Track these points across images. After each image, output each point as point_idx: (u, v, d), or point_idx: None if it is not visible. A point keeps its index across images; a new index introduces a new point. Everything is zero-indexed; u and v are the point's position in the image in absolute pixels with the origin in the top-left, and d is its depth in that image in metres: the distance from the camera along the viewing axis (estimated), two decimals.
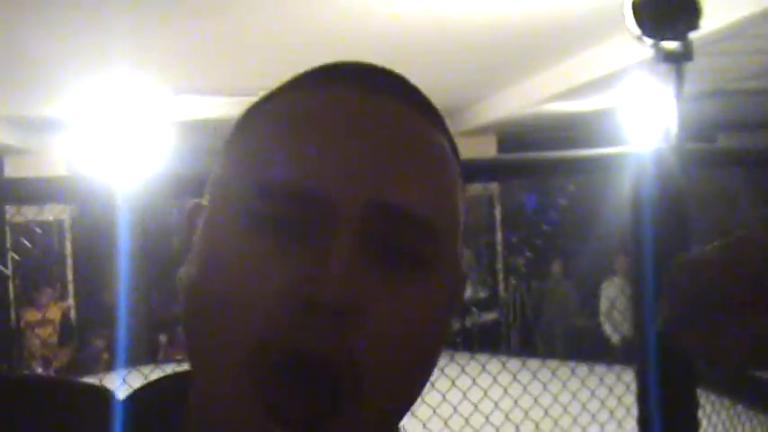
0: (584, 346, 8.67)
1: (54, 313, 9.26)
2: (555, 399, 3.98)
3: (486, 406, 3.94)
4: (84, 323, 9.50)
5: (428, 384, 0.67)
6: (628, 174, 2.13)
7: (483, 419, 3.84)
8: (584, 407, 4.07)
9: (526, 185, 10.09)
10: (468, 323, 10.02)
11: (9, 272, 8.82)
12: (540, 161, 2.54)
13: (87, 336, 9.48)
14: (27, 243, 8.48)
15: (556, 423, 4.21)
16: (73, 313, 9.47)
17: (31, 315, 9.19)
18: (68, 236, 9.54)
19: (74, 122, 8.55)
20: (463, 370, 3.78)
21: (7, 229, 9.03)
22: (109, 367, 8.38)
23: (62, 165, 9.29)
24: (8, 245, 8.99)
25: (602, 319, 8.97)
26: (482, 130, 9.96)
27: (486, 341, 9.41)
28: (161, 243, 9.69)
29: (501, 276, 10.29)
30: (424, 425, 3.66)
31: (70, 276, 9.53)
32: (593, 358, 6.91)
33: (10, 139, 8.57)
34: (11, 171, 9.39)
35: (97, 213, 9.41)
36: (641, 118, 7.97)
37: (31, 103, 7.76)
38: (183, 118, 8.71)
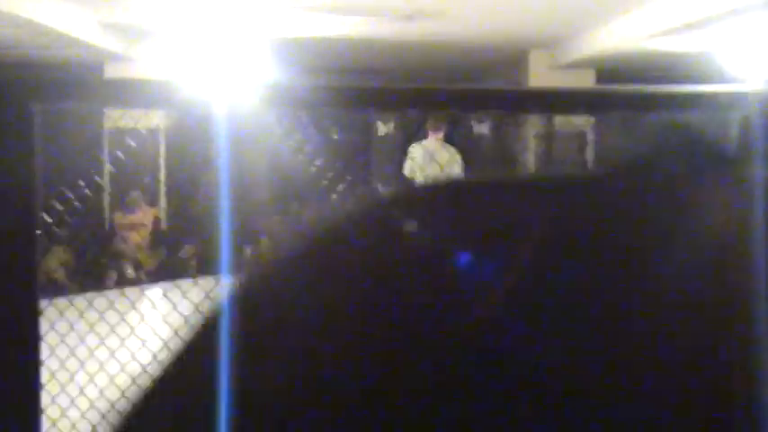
0: None
1: (145, 218, 9.59)
2: None
3: None
4: (173, 229, 9.81)
5: None
6: (736, 115, 2.04)
7: None
8: None
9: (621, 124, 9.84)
10: None
11: (106, 174, 9.15)
12: (639, 94, 2.43)
13: (176, 242, 9.80)
14: (123, 149, 8.77)
15: None
16: (163, 219, 9.78)
17: (123, 218, 9.54)
18: (162, 144, 9.79)
19: (174, 32, 8.69)
20: None
21: (104, 134, 9.34)
22: (196, 273, 8.68)
23: (160, 74, 9.48)
24: (105, 150, 9.31)
25: None
26: (580, 64, 9.73)
27: None
28: (254, 154, 9.86)
29: None
30: None
31: (162, 184, 9.81)
32: None
33: (111, 46, 8.77)
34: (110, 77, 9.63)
35: (191, 123, 9.63)
36: (749, 60, 7.64)
37: (133, 10, 7.91)
38: (281, 35, 8.75)
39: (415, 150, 9.39)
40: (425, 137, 9.41)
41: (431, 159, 9.20)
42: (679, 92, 2.47)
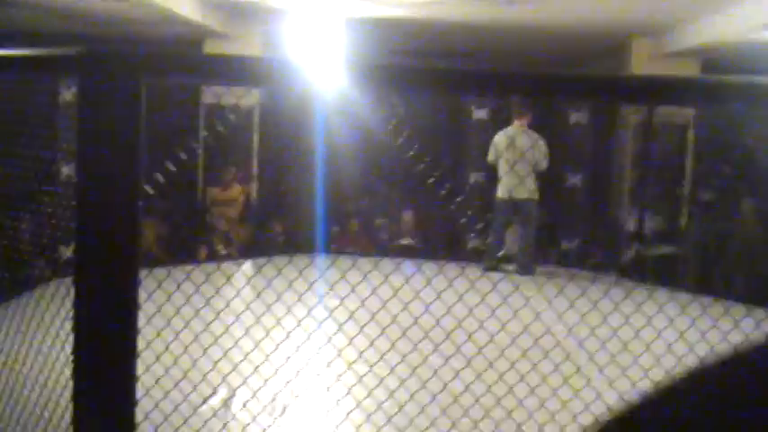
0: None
1: (237, 193, 9.71)
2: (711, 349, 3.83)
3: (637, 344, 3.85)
4: (264, 206, 9.91)
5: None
6: None
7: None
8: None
9: (725, 116, 9.52)
10: (642, 253, 9.73)
11: (201, 150, 9.29)
12: (747, 85, 2.32)
13: (266, 218, 9.90)
14: (219, 125, 8.88)
15: None
16: (254, 196, 9.88)
17: (217, 193, 9.68)
18: (256, 121, 9.88)
19: (275, 10, 8.74)
20: (617, 305, 3.68)
21: (201, 111, 9.47)
22: (285, 250, 8.74)
23: (257, 52, 9.56)
24: (201, 126, 9.45)
25: None
26: (685, 54, 9.42)
27: (659, 275, 9.13)
28: (347, 135, 9.87)
29: (685, 209, 9.86)
30: (568, 356, 3.61)
31: (255, 161, 9.91)
32: None
33: (211, 23, 8.87)
34: None
35: (286, 101, 9.68)
36: None
37: None
38: (378, 15, 8.72)
39: (498, 137, 9.29)
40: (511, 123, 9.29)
41: (510, 146, 9.08)
42: None
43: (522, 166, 8.98)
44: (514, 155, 9.05)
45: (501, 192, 9.10)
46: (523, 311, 3.73)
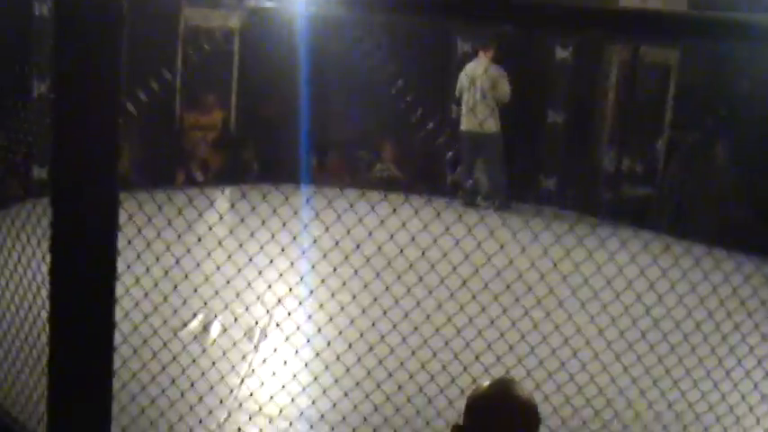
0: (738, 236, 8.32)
1: (215, 118, 9.57)
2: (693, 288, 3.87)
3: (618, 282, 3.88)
4: (241, 132, 9.79)
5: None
6: None
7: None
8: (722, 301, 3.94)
9: (707, 60, 9.47)
10: (619, 194, 9.77)
11: (179, 74, 9.12)
12: (737, 21, 2.29)
13: (242, 145, 9.79)
14: (197, 49, 8.71)
15: (690, 314, 4.10)
16: (233, 122, 9.75)
17: (194, 118, 9.53)
18: (238, 46, 9.70)
19: None
20: (603, 243, 3.70)
21: (180, 34, 9.27)
22: (264, 179, 8.64)
23: None
24: (179, 47, 9.26)
25: None
26: None
27: (635, 216, 9.17)
28: (329, 64, 9.72)
29: (663, 152, 9.88)
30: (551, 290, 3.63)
31: (234, 86, 9.75)
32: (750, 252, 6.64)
33: None
34: None
35: (267, 26, 9.49)
36: None
37: None
38: None
39: (462, 71, 9.20)
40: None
41: (470, 79, 8.99)
42: None
43: (479, 100, 8.91)
44: (472, 88, 8.98)
45: (462, 125, 9.07)
46: (490, 249, 3.72)
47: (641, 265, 3.85)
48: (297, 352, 3.79)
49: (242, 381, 3.96)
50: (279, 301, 4.08)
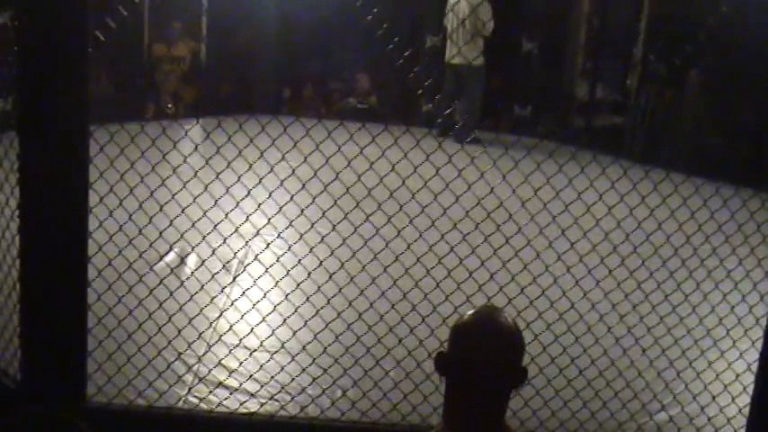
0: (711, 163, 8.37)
1: (185, 51, 9.39)
2: (672, 214, 3.87)
3: (599, 209, 3.86)
4: (212, 65, 9.61)
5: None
6: None
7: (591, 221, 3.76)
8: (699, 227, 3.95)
9: None
10: (592, 122, 9.76)
11: (146, 3, 8.90)
12: None
13: (214, 78, 9.62)
14: None
15: (668, 239, 4.11)
16: (203, 54, 9.56)
17: (163, 49, 9.33)
18: None
19: None
20: (582, 170, 3.67)
21: None
22: (236, 111, 8.49)
23: None
24: None
25: None
26: None
27: (608, 144, 9.18)
28: None
29: (635, 80, 9.85)
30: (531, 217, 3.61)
31: (204, 17, 9.53)
32: (720, 178, 6.67)
33: None
34: None
35: None
36: None
37: None
38: None
39: (449, 3, 9.05)
40: None
41: (456, 11, 8.85)
42: None
43: (462, 30, 8.79)
44: (457, 20, 8.85)
45: (446, 57, 8.96)
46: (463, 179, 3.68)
47: (621, 191, 3.83)
48: (276, 283, 3.75)
49: (221, 314, 3.93)
50: (257, 232, 4.03)
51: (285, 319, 3.73)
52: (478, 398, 1.81)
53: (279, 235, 3.92)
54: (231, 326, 3.82)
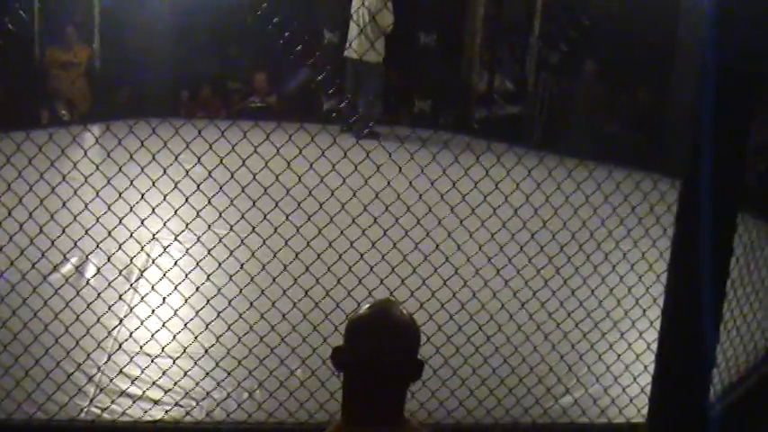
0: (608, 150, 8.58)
1: (79, 55, 9.14)
2: (566, 200, 3.94)
3: (496, 198, 3.92)
4: (107, 70, 9.37)
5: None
6: None
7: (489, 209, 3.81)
8: (595, 212, 4.04)
9: None
10: (491, 112, 9.89)
11: (36, 7, 8.63)
12: None
13: (110, 83, 9.39)
14: None
15: (564, 225, 4.19)
16: (98, 57, 9.32)
17: (56, 54, 9.06)
18: None
19: None
20: (478, 159, 3.71)
21: None
22: (133, 115, 8.32)
23: None
24: None
25: None
26: None
27: (507, 133, 9.31)
28: None
29: (532, 70, 10.03)
30: (430, 209, 3.64)
31: (97, 20, 9.29)
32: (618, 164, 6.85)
33: None
34: None
35: None
36: None
37: None
38: None
39: None
40: None
41: (355, 5, 8.84)
42: None
43: (361, 28, 8.77)
44: (356, 15, 8.83)
45: (345, 52, 8.94)
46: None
47: (516, 178, 3.89)
48: (175, 287, 3.69)
49: (120, 321, 3.85)
50: (153, 236, 3.95)
51: (186, 324, 3.67)
52: (375, 393, 1.82)
53: (176, 238, 3.85)
54: (131, 333, 3.74)
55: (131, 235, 3.71)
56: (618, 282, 4.17)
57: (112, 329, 3.88)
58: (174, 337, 3.67)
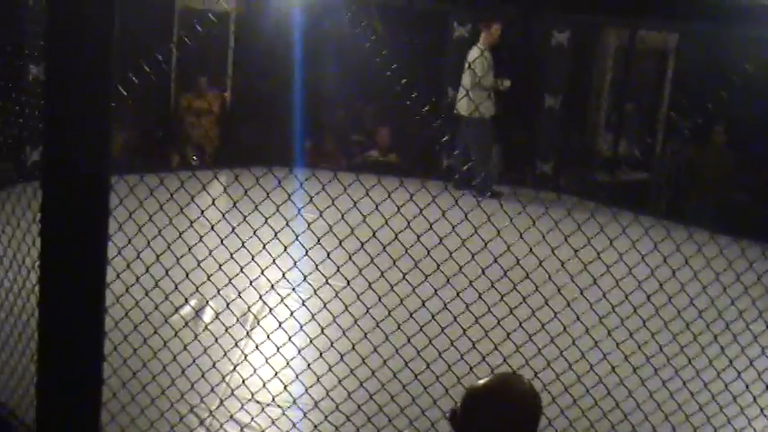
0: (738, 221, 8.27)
1: (212, 103, 9.48)
2: (695, 275, 3.80)
3: (620, 269, 3.80)
4: (238, 115, 9.68)
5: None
6: None
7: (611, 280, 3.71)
8: (725, 288, 3.88)
9: (706, 44, 9.38)
10: (615, 177, 9.70)
11: (174, 56, 9.02)
12: (734, 5, 2.24)
13: (238, 128, 9.68)
14: (193, 31, 8.58)
15: (691, 302, 4.03)
16: (228, 104, 9.65)
17: (190, 101, 9.43)
18: (233, 28, 9.60)
19: None
20: (602, 229, 3.62)
21: (175, 15, 9.17)
22: (259, 162, 8.53)
23: None
24: (174, 31, 9.15)
25: None
26: None
27: (631, 200, 9.10)
28: (325, 48, 9.61)
29: (660, 137, 9.81)
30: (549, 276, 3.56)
31: (230, 69, 9.65)
32: (748, 236, 6.58)
33: None
34: None
35: (264, 8, 9.39)
36: None
37: None
38: None
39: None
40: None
41: (466, 62, 8.91)
42: None
43: (465, 82, 8.86)
44: (465, 72, 8.91)
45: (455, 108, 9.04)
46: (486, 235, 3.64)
47: (642, 251, 3.77)
48: (290, 338, 3.72)
49: (234, 367, 3.90)
50: (272, 286, 4.00)
51: (298, 375, 3.68)
52: None
53: (293, 289, 3.89)
54: (244, 380, 3.78)
55: (251, 283, 3.77)
56: (746, 365, 3.96)
57: (226, 375, 3.93)
58: (285, 387, 3.69)
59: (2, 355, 3.83)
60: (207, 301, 4.45)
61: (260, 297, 3.91)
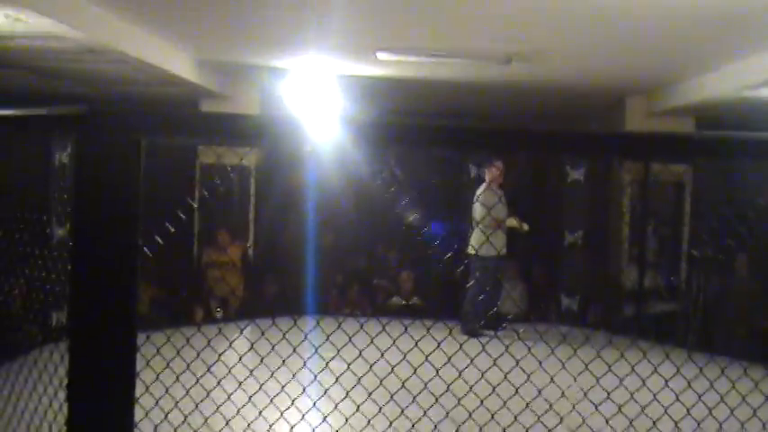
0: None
1: (233, 255, 9.59)
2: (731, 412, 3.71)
3: (656, 410, 3.72)
4: (261, 268, 9.78)
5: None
6: None
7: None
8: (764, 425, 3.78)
9: (720, 176, 9.48)
10: (641, 310, 9.62)
11: (196, 211, 9.19)
12: (744, 140, 2.29)
13: (263, 280, 9.76)
14: (215, 185, 8.78)
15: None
16: (251, 257, 9.76)
17: (212, 255, 9.55)
18: (253, 181, 9.82)
19: (268, 69, 8.74)
20: (633, 369, 3.57)
21: (197, 170, 9.41)
22: (283, 312, 8.55)
23: (255, 111, 9.54)
24: (196, 187, 9.37)
25: None
26: (679, 112, 9.45)
27: (659, 333, 9.00)
28: (342, 194, 9.79)
29: (684, 267, 9.78)
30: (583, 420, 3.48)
31: (252, 223, 9.81)
32: None
33: (206, 83, 8.86)
34: None
35: (282, 161, 9.63)
36: None
37: (227, 48, 7.98)
38: (380, 74, 8.71)
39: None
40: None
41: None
42: None
43: (473, 224, 8.91)
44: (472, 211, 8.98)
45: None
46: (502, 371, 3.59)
47: (676, 387, 3.70)
48: None
49: None
50: (291, 429, 3.94)
51: None
52: None
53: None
54: None
55: (271, 427, 3.71)
56: None
57: None
58: None
59: None
60: None
61: None
